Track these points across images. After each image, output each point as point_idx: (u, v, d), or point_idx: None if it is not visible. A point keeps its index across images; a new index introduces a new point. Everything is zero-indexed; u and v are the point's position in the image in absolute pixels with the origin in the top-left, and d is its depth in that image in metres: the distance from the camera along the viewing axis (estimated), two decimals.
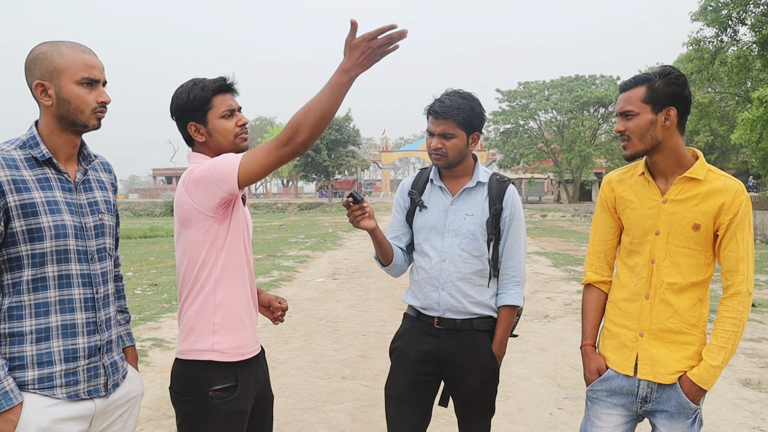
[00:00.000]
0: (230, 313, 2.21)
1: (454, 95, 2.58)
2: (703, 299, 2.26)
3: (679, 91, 2.19)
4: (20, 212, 1.84)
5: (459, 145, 2.58)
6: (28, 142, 1.93)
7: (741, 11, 21.16)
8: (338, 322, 7.74)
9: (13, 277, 1.88)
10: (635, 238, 2.32)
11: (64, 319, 1.92)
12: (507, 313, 2.65)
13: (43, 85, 1.91)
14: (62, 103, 1.91)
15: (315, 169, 51.07)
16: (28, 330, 1.87)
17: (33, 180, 1.88)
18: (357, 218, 2.47)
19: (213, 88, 2.24)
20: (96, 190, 2.08)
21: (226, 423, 2.16)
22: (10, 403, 1.80)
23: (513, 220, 2.64)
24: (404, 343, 2.72)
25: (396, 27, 1.87)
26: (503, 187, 2.66)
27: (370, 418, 4.50)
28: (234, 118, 2.28)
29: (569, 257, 14.36)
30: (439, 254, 2.63)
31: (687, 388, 2.20)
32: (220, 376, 2.17)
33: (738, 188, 2.18)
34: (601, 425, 2.34)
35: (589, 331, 2.44)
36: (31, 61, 1.93)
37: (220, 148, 2.26)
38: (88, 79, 1.93)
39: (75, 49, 1.94)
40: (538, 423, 4.41)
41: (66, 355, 1.91)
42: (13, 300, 1.87)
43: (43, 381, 1.88)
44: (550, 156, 49.08)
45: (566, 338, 6.78)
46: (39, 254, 1.88)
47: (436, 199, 2.69)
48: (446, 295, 2.61)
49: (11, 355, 1.86)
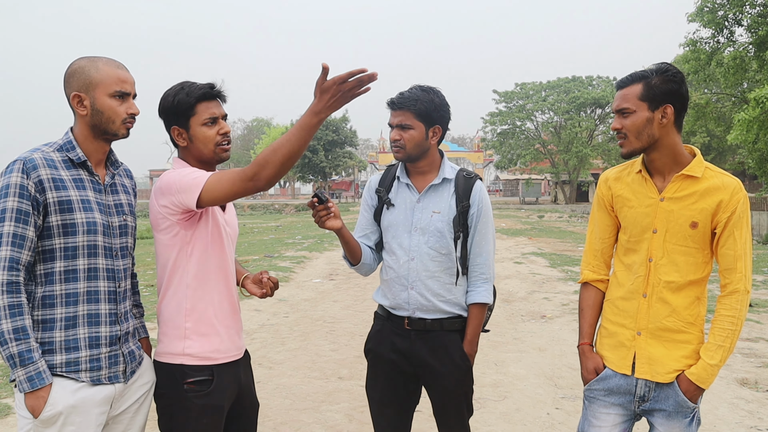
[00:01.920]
0: (202, 318, 2.25)
1: (415, 88, 2.59)
2: (701, 298, 2.25)
3: (676, 88, 2.18)
4: (57, 208, 2.02)
5: (416, 137, 2.55)
6: (65, 145, 2.12)
7: (737, 12, 21.20)
8: (335, 322, 7.73)
9: (45, 268, 2.04)
10: (632, 236, 2.31)
11: (90, 308, 2.09)
12: (477, 311, 2.63)
13: (79, 97, 2.10)
14: (96, 113, 2.10)
15: (312, 170, 51.08)
16: (59, 317, 2.04)
17: (69, 180, 2.07)
18: (322, 218, 2.45)
19: (197, 95, 2.26)
20: (121, 194, 2.27)
21: (200, 417, 2.21)
22: (43, 382, 1.97)
23: (480, 216, 2.62)
24: (377, 344, 2.71)
25: (366, 71, 1.90)
26: (470, 183, 2.64)
27: (367, 418, 4.45)
28: (216, 126, 2.29)
29: (566, 258, 14.36)
30: (406, 253, 2.61)
31: (685, 387, 2.19)
32: (194, 370, 2.23)
33: (736, 186, 2.17)
34: (598, 424, 2.32)
35: (587, 330, 2.43)
36: (70, 74, 2.11)
37: (201, 155, 2.30)
38: (120, 92, 2.12)
39: (110, 64, 2.12)
40: (535, 423, 4.40)
41: (90, 342, 2.08)
42: (46, 289, 2.04)
43: (70, 365, 2.04)
44: (547, 157, 49.15)
45: (563, 338, 6.77)
46: (71, 248, 2.04)
47: (403, 197, 2.67)
48: (415, 294, 2.59)
49: (43, 339, 2.03)
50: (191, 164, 2.30)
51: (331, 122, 49.61)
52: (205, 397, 2.22)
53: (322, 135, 48.61)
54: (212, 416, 2.23)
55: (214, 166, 2.36)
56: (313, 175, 53.30)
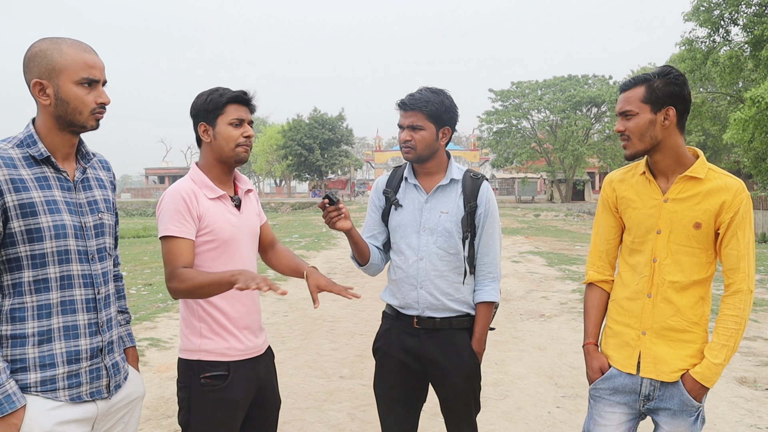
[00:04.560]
0: (213, 320, 2.31)
1: (425, 89, 2.62)
2: (705, 297, 2.28)
3: (678, 90, 2.21)
4: (19, 212, 1.81)
5: (428, 138, 2.58)
6: (26, 140, 1.89)
7: (733, 11, 21.30)
8: (335, 321, 7.75)
9: (13, 278, 1.85)
10: (637, 237, 2.33)
11: (65, 320, 1.89)
12: (485, 309, 2.67)
13: (41, 84, 1.87)
14: (60, 103, 1.88)
15: (308, 168, 51.03)
16: (30, 332, 1.84)
17: (31, 179, 1.85)
18: (333, 219, 2.47)
19: (229, 96, 2.34)
20: (95, 189, 2.05)
21: (215, 411, 2.25)
22: (13, 406, 1.77)
23: (488, 216, 2.66)
24: (386, 343, 2.73)
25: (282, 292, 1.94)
26: (477, 184, 2.67)
27: (369, 417, 4.50)
28: (241, 128, 2.36)
29: (563, 256, 14.40)
30: (415, 253, 2.64)
31: (690, 386, 2.22)
32: (211, 365, 2.29)
33: (739, 187, 2.20)
34: (604, 423, 2.35)
35: (591, 330, 2.46)
36: (30, 58, 1.88)
37: (221, 153, 2.35)
38: (88, 79, 1.89)
39: (75, 47, 1.89)
40: (537, 421, 4.43)
41: (68, 357, 1.89)
42: (14, 301, 1.85)
43: (45, 383, 1.85)
44: (543, 155, 49.23)
45: (562, 337, 6.81)
46: (39, 255, 1.85)
47: (411, 197, 2.70)
48: (425, 293, 2.62)
49: (13, 357, 1.83)
50: (210, 164, 2.38)
51: (327, 121, 49.56)
52: (221, 391, 2.27)
53: (319, 133, 48.54)
54: (226, 410, 2.28)
55: (233, 166, 2.41)
56: (309, 174, 53.25)
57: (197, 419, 2.26)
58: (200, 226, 2.27)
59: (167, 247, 2.23)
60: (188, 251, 2.22)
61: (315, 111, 50.39)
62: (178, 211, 2.23)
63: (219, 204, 2.34)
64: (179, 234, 2.21)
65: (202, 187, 2.32)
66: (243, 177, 2.52)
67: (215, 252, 2.30)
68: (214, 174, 2.38)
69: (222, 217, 2.32)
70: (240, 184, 2.48)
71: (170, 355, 6.08)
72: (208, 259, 2.30)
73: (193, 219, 2.25)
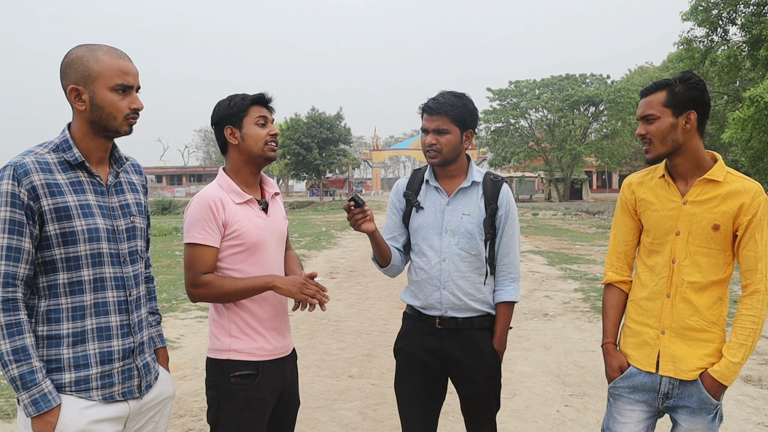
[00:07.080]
0: (242, 321, 2.37)
1: (448, 93, 2.67)
2: (723, 298, 2.33)
3: (699, 95, 2.26)
4: (54, 216, 1.86)
5: (453, 141, 2.63)
6: (61, 145, 1.94)
7: (731, 11, 21.39)
8: (340, 320, 7.77)
9: (48, 280, 1.90)
10: (656, 239, 2.38)
11: (99, 322, 1.95)
12: (506, 309, 2.72)
13: (77, 90, 1.92)
14: (95, 108, 1.93)
15: (306, 167, 50.92)
16: (65, 333, 1.90)
17: (66, 183, 1.90)
18: (358, 221, 2.53)
19: (252, 98, 2.42)
20: (128, 193, 2.10)
21: (244, 409, 2.30)
22: (49, 405, 1.83)
23: (508, 218, 2.71)
24: (408, 343, 2.77)
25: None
26: (497, 186, 2.73)
27: (380, 416, 4.54)
28: (267, 127, 2.42)
29: (564, 255, 14.46)
30: (437, 254, 2.68)
31: (708, 384, 2.26)
32: (240, 365, 2.33)
33: (757, 190, 2.25)
34: (623, 421, 2.40)
35: (610, 330, 2.50)
36: (67, 65, 1.93)
37: (250, 153, 2.40)
38: (122, 85, 1.94)
39: (111, 54, 1.95)
40: (546, 420, 4.48)
41: (101, 357, 1.95)
42: (50, 303, 1.90)
43: (79, 383, 1.91)
44: (541, 154, 49.27)
45: (567, 336, 6.86)
46: (73, 257, 1.90)
47: (432, 200, 2.74)
48: (448, 294, 2.66)
49: (48, 357, 1.89)
50: (238, 167, 2.42)
51: (325, 120, 49.51)
52: (250, 390, 2.32)
53: (317, 133, 48.49)
54: (256, 409, 2.32)
55: (262, 165, 2.46)
56: (307, 173, 53.17)
57: (227, 417, 2.30)
58: (227, 231, 2.32)
59: (191, 253, 2.30)
60: (211, 258, 2.30)
61: (313, 110, 50.31)
62: (203, 219, 2.29)
63: (246, 208, 2.38)
64: (203, 242, 2.29)
65: (229, 192, 2.37)
66: (270, 180, 2.57)
67: (243, 255, 2.34)
68: (241, 178, 2.42)
69: (249, 221, 2.36)
70: (267, 188, 2.52)
71: (178, 354, 6.11)
72: (235, 262, 2.34)
73: (218, 227, 2.31)
